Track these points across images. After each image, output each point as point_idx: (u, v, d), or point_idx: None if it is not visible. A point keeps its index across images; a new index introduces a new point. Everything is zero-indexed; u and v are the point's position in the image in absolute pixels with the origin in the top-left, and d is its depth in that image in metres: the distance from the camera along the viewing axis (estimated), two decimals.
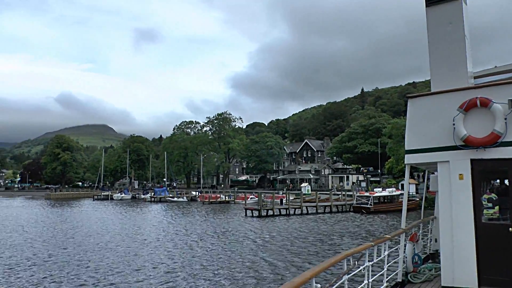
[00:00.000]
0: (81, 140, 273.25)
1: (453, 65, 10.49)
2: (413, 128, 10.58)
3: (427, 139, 10.16)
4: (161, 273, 22.14)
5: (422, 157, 10.33)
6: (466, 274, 9.20)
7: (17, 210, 70.95)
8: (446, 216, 9.68)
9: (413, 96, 10.88)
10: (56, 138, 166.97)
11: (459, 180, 9.53)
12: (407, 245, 11.41)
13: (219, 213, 60.59)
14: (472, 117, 9.47)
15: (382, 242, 9.77)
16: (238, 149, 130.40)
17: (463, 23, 10.36)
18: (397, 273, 10.94)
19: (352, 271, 7.74)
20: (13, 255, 27.35)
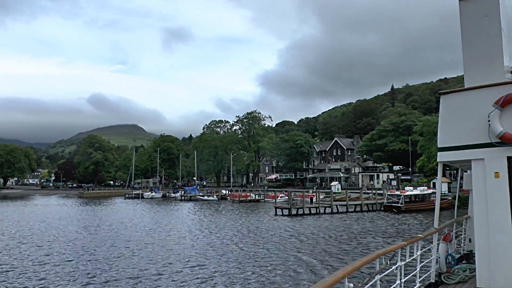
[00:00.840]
0: (112, 140, 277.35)
1: (488, 59, 10.15)
2: (446, 125, 10.28)
3: (461, 136, 9.86)
4: (196, 270, 22.27)
5: (455, 155, 10.03)
6: (502, 276, 8.90)
7: (55, 208, 72.59)
8: (481, 216, 9.39)
9: (446, 92, 10.56)
10: (89, 138, 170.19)
11: (495, 178, 9.23)
12: (440, 245, 11.11)
13: (249, 212, 60.68)
14: (509, 113, 9.14)
15: (415, 242, 9.55)
16: (267, 148, 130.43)
17: (499, 15, 10.01)
18: (430, 274, 10.68)
19: (384, 270, 7.59)
20: (63, 248, 28.20)
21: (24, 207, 75.28)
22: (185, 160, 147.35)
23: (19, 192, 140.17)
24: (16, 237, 35.31)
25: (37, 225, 45.02)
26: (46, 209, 70.51)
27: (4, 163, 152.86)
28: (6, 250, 28.80)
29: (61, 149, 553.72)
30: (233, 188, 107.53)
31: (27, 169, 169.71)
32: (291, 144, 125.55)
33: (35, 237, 35.04)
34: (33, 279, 20.50)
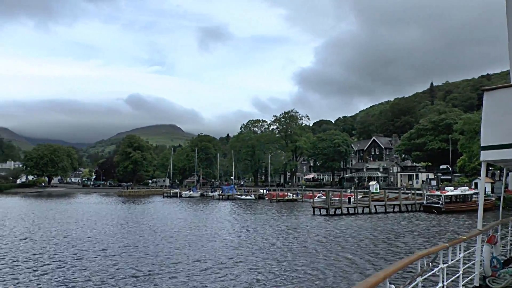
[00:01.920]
0: (150, 140, 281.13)
1: None
2: (489, 123, 10.01)
3: (506, 134, 9.57)
4: (246, 269, 22.59)
5: (500, 154, 9.76)
6: None
7: (96, 206, 74.34)
8: None
9: (490, 89, 10.28)
10: (127, 138, 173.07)
11: None
12: (484, 247, 10.82)
13: (288, 211, 60.70)
14: None
15: (458, 244, 9.36)
16: (305, 147, 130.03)
17: None
18: (474, 277, 10.45)
19: (426, 273, 7.48)
20: (108, 244, 28.88)
21: (69, 205, 77.55)
22: (223, 159, 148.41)
23: (62, 191, 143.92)
24: (64, 233, 36.42)
25: (83, 222, 46.43)
26: (89, 207, 72.37)
27: (49, 162, 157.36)
28: (57, 245, 29.78)
29: (101, 148, 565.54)
30: (271, 188, 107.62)
31: (70, 168, 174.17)
32: (328, 143, 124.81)
33: (82, 233, 36.12)
34: (82, 272, 21.21)
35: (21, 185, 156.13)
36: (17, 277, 20.95)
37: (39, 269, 22.68)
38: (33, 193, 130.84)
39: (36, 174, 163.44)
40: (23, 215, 56.14)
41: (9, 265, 23.69)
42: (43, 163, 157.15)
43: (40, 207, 72.03)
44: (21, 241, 32.56)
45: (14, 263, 24.30)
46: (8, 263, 24.23)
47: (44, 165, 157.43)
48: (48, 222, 47.05)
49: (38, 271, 22.19)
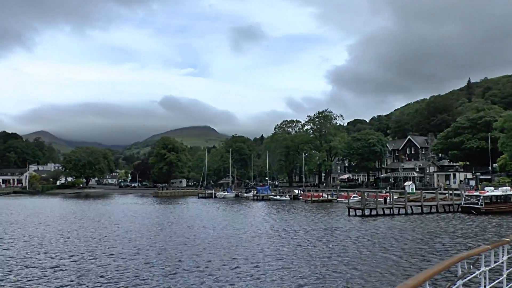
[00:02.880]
0: (185, 141, 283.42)
1: None
2: None
3: None
4: (291, 270, 22.68)
5: None
6: None
7: (134, 207, 75.83)
8: None
9: None
10: (162, 140, 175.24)
11: None
12: None
13: (322, 212, 60.55)
14: None
15: (500, 246, 9.15)
16: (339, 147, 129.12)
17: None
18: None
19: (467, 276, 7.40)
20: (147, 244, 29.51)
21: (108, 205, 79.39)
22: (257, 160, 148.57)
23: (100, 191, 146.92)
24: (105, 231, 37.30)
25: (125, 221, 47.72)
26: (127, 207, 73.84)
27: (86, 164, 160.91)
28: (97, 243, 30.59)
29: (136, 150, 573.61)
30: (306, 188, 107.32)
31: (106, 169, 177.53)
32: (363, 143, 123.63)
33: (125, 232, 37.04)
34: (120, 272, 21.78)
35: (60, 186, 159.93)
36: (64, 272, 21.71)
37: (83, 267, 23.40)
38: (72, 194, 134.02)
39: (75, 176, 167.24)
40: (66, 214, 57.68)
41: (56, 263, 24.51)
42: (81, 165, 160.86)
43: (80, 208, 73.73)
44: (65, 240, 33.49)
45: (60, 260, 25.24)
46: (55, 261, 25.09)
47: (82, 167, 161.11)
48: (92, 221, 48.26)
49: (82, 269, 22.91)
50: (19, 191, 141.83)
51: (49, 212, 63.93)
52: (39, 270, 23.12)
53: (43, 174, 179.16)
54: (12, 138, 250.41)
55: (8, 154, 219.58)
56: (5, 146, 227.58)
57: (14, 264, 24.92)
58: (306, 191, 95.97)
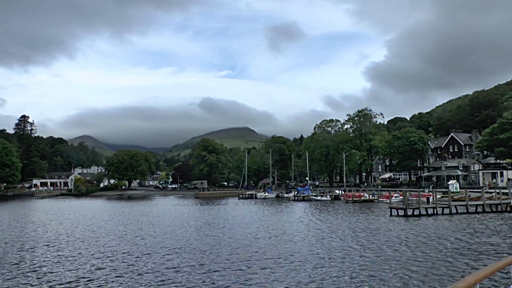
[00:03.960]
0: (225, 143, 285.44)
1: None
2: None
3: None
4: (331, 271, 22.71)
5: None
6: None
7: (176, 208, 76.72)
8: None
9: None
10: (202, 141, 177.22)
11: None
12: None
13: (364, 212, 59.97)
14: None
15: None
16: (380, 146, 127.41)
17: None
18: None
19: None
20: (191, 243, 30.05)
21: (151, 207, 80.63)
22: (297, 160, 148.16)
23: (141, 193, 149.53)
24: (156, 232, 38.09)
25: (169, 221, 48.52)
26: (170, 208, 74.82)
27: (128, 167, 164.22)
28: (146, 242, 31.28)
29: (177, 152, 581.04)
30: (346, 188, 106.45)
31: (147, 172, 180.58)
32: (404, 141, 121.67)
33: (170, 232, 37.71)
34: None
35: (104, 188, 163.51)
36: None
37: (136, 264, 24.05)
38: (115, 195, 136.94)
39: (117, 178, 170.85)
40: (110, 215, 59.00)
41: (106, 262, 25.23)
42: (123, 168, 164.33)
43: (125, 209, 75.37)
44: (114, 239, 34.34)
45: (112, 258, 26.12)
46: (105, 260, 25.82)
47: (124, 169, 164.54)
48: (137, 221, 49.11)
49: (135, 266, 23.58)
50: (65, 193, 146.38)
51: (97, 212, 66.06)
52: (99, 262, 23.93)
53: (87, 176, 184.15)
54: (58, 143, 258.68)
55: (55, 158, 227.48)
56: (52, 150, 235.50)
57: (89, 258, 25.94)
58: (347, 191, 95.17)
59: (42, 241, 36.05)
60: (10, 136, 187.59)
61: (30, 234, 41.03)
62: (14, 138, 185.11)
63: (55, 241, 36.26)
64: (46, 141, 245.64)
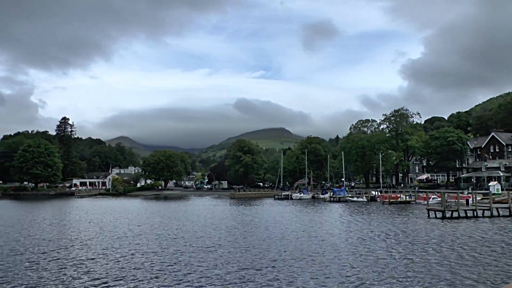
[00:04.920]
0: (260, 143, 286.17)
1: None
2: None
3: None
4: (373, 275, 22.50)
5: None
6: None
7: (213, 208, 77.44)
8: None
9: None
10: (238, 142, 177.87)
11: None
12: None
13: (401, 214, 59.07)
14: None
15: None
16: (417, 146, 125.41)
17: None
18: None
19: None
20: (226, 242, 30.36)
21: (188, 206, 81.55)
22: (333, 161, 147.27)
23: (177, 193, 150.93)
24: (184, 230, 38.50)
25: (208, 220, 48.89)
26: (208, 208, 75.44)
27: (164, 167, 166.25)
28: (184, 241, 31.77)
29: (212, 153, 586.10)
30: (383, 189, 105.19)
31: (183, 172, 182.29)
32: (441, 141, 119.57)
33: (209, 231, 38.09)
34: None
35: (140, 188, 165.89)
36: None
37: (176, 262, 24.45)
38: (151, 195, 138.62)
39: (154, 178, 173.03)
40: (148, 214, 59.91)
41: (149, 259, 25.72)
42: (159, 168, 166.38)
43: (162, 208, 76.44)
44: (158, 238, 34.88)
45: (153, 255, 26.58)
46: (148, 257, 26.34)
47: (160, 170, 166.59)
48: (175, 220, 49.64)
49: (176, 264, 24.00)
50: (103, 193, 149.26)
51: (136, 212, 67.23)
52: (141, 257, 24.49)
53: (124, 177, 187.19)
54: (96, 144, 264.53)
55: (93, 159, 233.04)
56: (91, 151, 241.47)
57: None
58: (383, 192, 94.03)
59: (85, 238, 37.39)
60: (52, 138, 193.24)
61: (73, 232, 42.48)
62: (55, 139, 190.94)
63: (98, 238, 37.61)
64: (85, 142, 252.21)
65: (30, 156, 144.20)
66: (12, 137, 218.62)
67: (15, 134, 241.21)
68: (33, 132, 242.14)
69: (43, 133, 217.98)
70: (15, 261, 27.06)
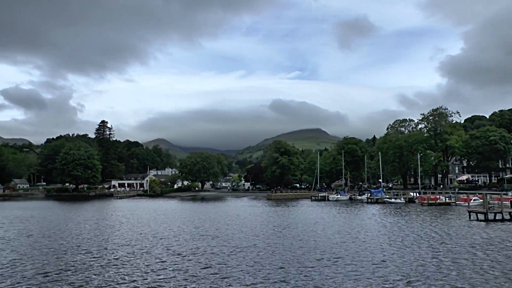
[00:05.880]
0: (296, 144, 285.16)
1: None
2: None
3: None
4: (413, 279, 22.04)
5: None
6: None
7: (251, 209, 78.11)
8: None
9: None
10: (274, 143, 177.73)
11: None
12: None
13: (441, 216, 57.77)
14: None
15: None
16: (456, 146, 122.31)
17: None
18: None
19: None
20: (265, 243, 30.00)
21: (226, 207, 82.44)
22: (370, 161, 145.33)
23: (214, 194, 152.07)
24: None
25: (246, 221, 48.73)
26: (245, 209, 76.22)
27: (201, 169, 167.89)
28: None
29: (248, 154, 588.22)
30: (421, 190, 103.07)
31: (220, 173, 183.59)
32: (483, 141, 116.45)
33: (250, 231, 38.11)
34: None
35: (177, 189, 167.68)
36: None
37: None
38: (188, 196, 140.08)
39: (190, 180, 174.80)
40: (187, 215, 60.74)
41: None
42: (196, 170, 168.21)
43: (200, 209, 77.84)
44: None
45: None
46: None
47: (197, 171, 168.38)
48: (213, 221, 49.93)
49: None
50: (141, 194, 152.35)
51: (175, 212, 68.66)
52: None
53: (161, 178, 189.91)
54: (134, 146, 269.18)
55: (131, 161, 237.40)
56: (129, 153, 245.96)
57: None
58: (422, 194, 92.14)
59: (127, 239, 38.65)
60: (91, 140, 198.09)
61: (114, 232, 43.74)
62: (94, 142, 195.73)
63: (141, 239, 38.57)
64: (123, 144, 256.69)
65: (71, 159, 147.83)
66: (55, 141, 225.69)
67: (57, 138, 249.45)
68: (73, 135, 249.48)
69: (83, 136, 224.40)
70: (63, 260, 28.12)
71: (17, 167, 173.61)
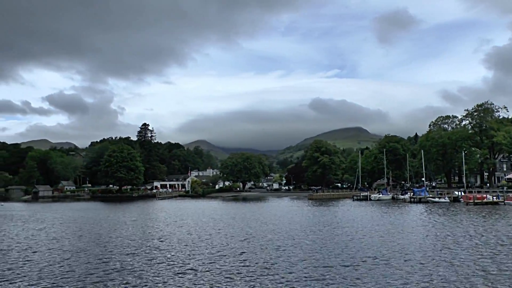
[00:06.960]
0: (337, 143, 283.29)
1: None
2: None
3: None
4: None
5: None
6: None
7: (293, 209, 78.26)
8: None
9: None
10: (315, 143, 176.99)
11: None
12: None
13: (489, 216, 56.12)
14: None
15: None
16: (504, 143, 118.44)
17: None
18: None
19: None
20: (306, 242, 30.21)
21: (270, 208, 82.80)
22: (412, 160, 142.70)
23: (255, 195, 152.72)
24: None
25: (292, 221, 48.81)
26: (289, 209, 76.41)
27: (242, 169, 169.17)
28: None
29: (289, 154, 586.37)
30: (466, 189, 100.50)
31: (261, 174, 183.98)
32: None
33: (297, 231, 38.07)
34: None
35: (219, 190, 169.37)
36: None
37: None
38: (230, 197, 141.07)
39: (232, 180, 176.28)
40: (230, 215, 62.03)
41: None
42: (237, 170, 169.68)
43: (243, 209, 78.55)
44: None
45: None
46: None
47: (238, 171, 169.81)
48: (257, 222, 50.47)
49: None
50: (183, 195, 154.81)
51: (218, 212, 70.38)
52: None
53: (203, 179, 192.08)
54: (175, 148, 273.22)
55: (173, 162, 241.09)
56: (171, 155, 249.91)
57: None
58: (467, 193, 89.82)
59: (173, 238, 39.78)
60: (134, 143, 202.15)
61: (160, 232, 44.83)
62: (137, 144, 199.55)
63: (188, 238, 39.82)
64: (164, 146, 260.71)
65: (114, 161, 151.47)
66: (98, 144, 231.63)
67: (101, 141, 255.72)
68: (116, 138, 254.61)
69: (126, 139, 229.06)
70: (109, 260, 28.85)
71: (65, 170, 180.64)
